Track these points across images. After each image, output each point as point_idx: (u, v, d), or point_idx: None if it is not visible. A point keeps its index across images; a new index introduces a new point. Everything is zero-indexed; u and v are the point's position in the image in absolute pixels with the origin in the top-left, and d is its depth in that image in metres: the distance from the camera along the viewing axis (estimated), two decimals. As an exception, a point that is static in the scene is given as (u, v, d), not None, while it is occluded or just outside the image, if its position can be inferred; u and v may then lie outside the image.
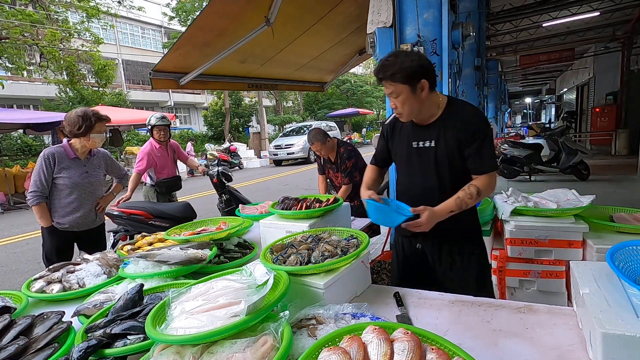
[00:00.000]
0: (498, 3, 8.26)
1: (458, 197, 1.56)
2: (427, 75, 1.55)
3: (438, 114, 1.65)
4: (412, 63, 1.52)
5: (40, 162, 2.55)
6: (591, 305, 0.99)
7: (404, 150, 1.76)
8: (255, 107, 26.46)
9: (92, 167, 2.76)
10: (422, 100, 1.58)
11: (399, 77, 1.52)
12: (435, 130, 1.66)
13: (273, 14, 3.40)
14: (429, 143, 1.67)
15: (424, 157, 1.69)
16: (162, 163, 4.17)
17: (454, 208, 1.55)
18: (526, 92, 31.92)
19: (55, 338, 1.16)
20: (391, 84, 1.55)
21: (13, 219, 8.63)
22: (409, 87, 1.53)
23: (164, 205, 3.80)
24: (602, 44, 12.35)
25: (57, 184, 2.61)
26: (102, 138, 2.68)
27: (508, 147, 8.27)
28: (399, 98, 1.56)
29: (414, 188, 1.76)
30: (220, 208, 4.88)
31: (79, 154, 2.67)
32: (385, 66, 1.53)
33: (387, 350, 0.87)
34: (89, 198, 2.75)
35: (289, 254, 1.51)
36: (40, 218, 2.61)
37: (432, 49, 3.06)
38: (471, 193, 1.56)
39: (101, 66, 16.42)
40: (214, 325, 0.96)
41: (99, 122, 2.62)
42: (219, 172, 4.75)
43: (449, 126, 1.63)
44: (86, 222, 2.76)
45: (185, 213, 3.73)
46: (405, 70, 1.51)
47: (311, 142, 3.56)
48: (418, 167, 1.72)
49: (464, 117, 1.62)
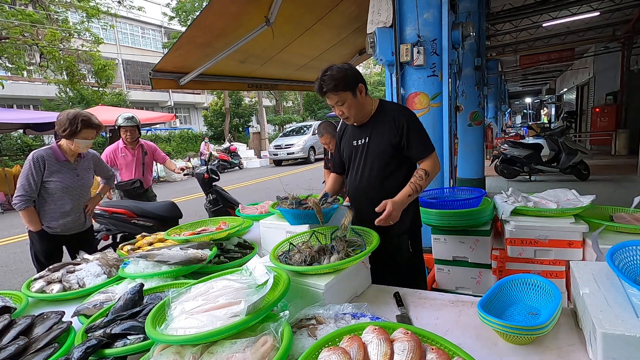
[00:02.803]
0: (498, 3, 8.25)
1: (411, 182, 1.74)
2: (361, 80, 1.79)
3: (371, 114, 1.89)
4: (348, 72, 1.75)
5: (28, 165, 2.43)
6: (591, 305, 0.99)
7: (349, 149, 1.99)
8: (255, 107, 26.46)
9: (82, 169, 2.67)
10: (362, 102, 1.82)
11: (342, 86, 1.73)
12: (368, 128, 1.90)
13: (273, 14, 3.39)
14: (364, 140, 1.91)
15: (361, 153, 1.92)
16: (124, 165, 3.95)
17: (411, 192, 1.72)
18: (526, 92, 31.91)
19: (55, 338, 1.16)
20: (335, 94, 1.75)
21: (13, 219, 8.63)
22: (350, 93, 1.76)
23: (147, 204, 3.71)
24: (602, 44, 12.34)
25: (48, 187, 2.50)
26: (86, 145, 2.54)
27: (508, 147, 8.27)
28: (344, 105, 1.78)
29: (359, 182, 1.94)
30: (207, 208, 4.80)
31: (68, 156, 2.57)
32: (326, 81, 1.73)
33: (387, 350, 0.87)
34: (79, 201, 2.67)
35: (293, 254, 1.53)
36: (29, 222, 2.50)
37: (432, 49, 3.06)
38: (421, 175, 1.76)
39: (101, 66, 16.39)
40: (214, 326, 0.96)
41: (86, 129, 2.47)
42: (209, 169, 4.69)
43: (379, 123, 1.87)
44: (76, 225, 2.69)
45: (170, 212, 3.66)
46: (345, 78, 1.73)
47: (320, 133, 3.58)
48: (359, 163, 1.93)
49: (392, 113, 1.85)
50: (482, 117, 6.55)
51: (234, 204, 4.62)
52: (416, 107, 3.13)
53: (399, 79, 3.15)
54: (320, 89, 1.76)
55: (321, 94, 1.79)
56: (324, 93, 1.77)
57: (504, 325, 1.05)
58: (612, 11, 9.45)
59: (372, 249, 1.49)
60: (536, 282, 1.27)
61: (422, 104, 3.12)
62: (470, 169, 6.61)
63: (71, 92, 16.86)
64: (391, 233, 1.84)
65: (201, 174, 4.69)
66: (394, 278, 1.78)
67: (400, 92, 3.17)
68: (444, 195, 2.60)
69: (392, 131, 1.82)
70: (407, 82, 3.16)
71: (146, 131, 18.59)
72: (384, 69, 3.42)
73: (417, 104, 3.13)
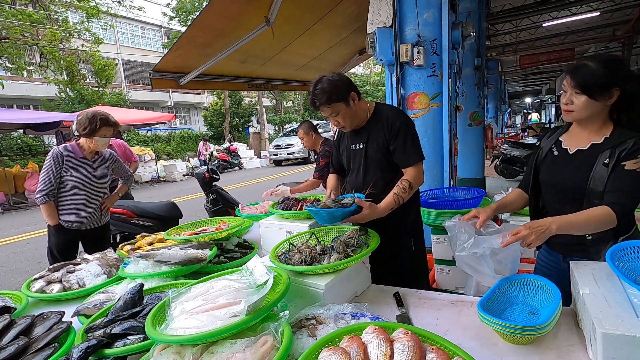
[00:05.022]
0: (498, 3, 8.25)
1: (394, 194, 1.74)
2: (353, 88, 1.80)
3: (367, 118, 1.90)
4: (338, 83, 1.75)
5: (49, 161, 2.59)
6: (591, 305, 0.99)
7: (347, 153, 2.01)
8: (255, 107, 26.45)
9: (98, 166, 2.80)
10: (355, 109, 1.82)
11: (334, 98, 1.74)
12: (365, 133, 1.90)
13: (273, 14, 3.40)
14: (360, 145, 1.92)
15: (358, 158, 1.94)
16: None
17: (393, 204, 1.73)
18: (526, 92, 31.91)
19: (55, 338, 1.16)
20: (328, 107, 1.76)
21: (13, 219, 8.63)
22: (343, 103, 1.77)
23: (147, 204, 3.72)
24: (602, 44, 12.34)
25: (65, 182, 2.65)
26: (105, 142, 2.72)
27: (508, 147, 8.27)
28: (339, 115, 1.79)
29: (357, 184, 1.94)
30: (207, 208, 4.81)
31: (86, 154, 2.71)
32: (317, 95, 1.74)
33: (387, 350, 0.87)
34: (95, 197, 2.79)
35: (293, 254, 1.53)
36: (48, 216, 2.65)
37: (432, 49, 3.06)
38: (404, 187, 1.75)
39: (101, 66, 16.37)
40: (214, 326, 0.96)
41: (104, 127, 2.65)
42: (209, 169, 4.70)
43: (375, 128, 1.86)
44: (92, 220, 2.80)
45: (169, 212, 3.67)
46: (336, 90, 1.74)
47: (297, 129, 3.67)
48: (359, 166, 1.95)
49: (387, 117, 1.84)
50: (482, 117, 6.56)
51: (234, 204, 4.62)
52: (416, 107, 3.13)
53: (399, 79, 3.15)
54: (313, 104, 1.78)
55: (315, 108, 1.81)
56: (317, 107, 1.78)
57: (504, 325, 1.05)
58: (612, 11, 9.45)
59: (372, 249, 1.49)
60: (536, 282, 1.27)
61: (422, 104, 3.12)
62: (470, 169, 6.61)
63: (71, 92, 16.84)
64: (394, 233, 1.84)
65: (201, 174, 4.70)
66: (396, 277, 1.78)
67: (400, 92, 3.18)
68: (444, 195, 2.60)
69: (385, 134, 1.82)
70: (407, 82, 3.17)
71: (146, 131, 18.63)
72: (384, 69, 3.42)
73: (417, 104, 3.13)
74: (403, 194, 1.73)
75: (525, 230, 1.22)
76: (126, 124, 12.48)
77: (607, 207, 1.23)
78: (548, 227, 1.22)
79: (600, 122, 1.34)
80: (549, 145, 1.49)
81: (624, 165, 1.24)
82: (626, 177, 1.23)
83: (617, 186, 1.25)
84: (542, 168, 1.49)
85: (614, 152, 1.27)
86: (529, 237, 1.21)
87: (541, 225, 1.23)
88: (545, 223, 1.24)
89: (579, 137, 1.39)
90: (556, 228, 1.23)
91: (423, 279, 2.07)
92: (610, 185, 1.26)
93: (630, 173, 1.23)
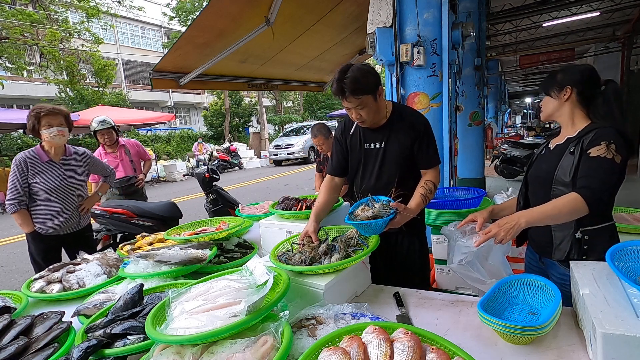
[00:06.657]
0: (498, 3, 8.24)
1: (421, 195, 1.71)
2: (380, 82, 1.70)
3: (387, 117, 1.80)
4: (370, 74, 1.62)
5: (13, 169, 2.43)
6: (591, 305, 0.99)
7: (358, 153, 1.87)
8: (255, 107, 26.44)
9: (68, 168, 2.60)
10: (380, 105, 1.73)
11: (364, 90, 1.61)
12: (385, 132, 1.80)
13: (273, 14, 3.40)
14: (379, 144, 1.82)
15: (376, 157, 1.83)
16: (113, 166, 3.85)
17: (422, 204, 1.72)
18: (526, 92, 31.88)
19: (55, 338, 1.16)
20: (357, 98, 1.61)
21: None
22: (372, 96, 1.65)
23: (147, 204, 3.70)
24: (602, 44, 12.33)
25: (34, 189, 2.48)
26: (54, 134, 2.44)
27: (508, 147, 8.27)
28: (364, 109, 1.66)
29: (375, 184, 1.85)
30: (207, 208, 4.79)
31: (52, 156, 2.52)
32: (347, 84, 1.58)
33: (387, 350, 0.87)
34: (70, 201, 2.62)
35: (293, 254, 1.53)
36: (22, 225, 2.54)
37: (432, 49, 3.06)
38: (430, 188, 1.74)
39: (101, 66, 16.37)
40: (214, 326, 0.96)
41: (45, 117, 2.41)
42: (209, 169, 4.69)
43: (398, 128, 1.78)
44: (70, 225, 2.65)
45: (170, 212, 3.65)
46: (367, 82, 1.61)
47: (314, 135, 3.50)
48: (373, 166, 1.85)
49: (411, 120, 1.79)
50: (482, 117, 6.55)
51: (234, 204, 4.63)
52: (416, 107, 3.12)
53: (399, 79, 3.15)
54: (341, 92, 1.61)
55: (341, 97, 1.65)
56: (344, 97, 1.63)
57: (504, 325, 1.05)
58: (612, 11, 9.44)
59: (372, 249, 1.49)
60: (536, 282, 1.27)
61: (422, 104, 3.12)
62: (470, 169, 6.60)
63: (71, 92, 16.87)
64: (403, 233, 1.83)
65: (201, 174, 4.70)
66: (398, 277, 1.77)
67: (400, 92, 3.17)
68: (444, 195, 2.60)
69: (409, 135, 1.76)
70: (407, 82, 3.16)
71: (146, 131, 18.63)
72: (384, 69, 3.42)
73: (417, 104, 3.13)
74: (429, 195, 1.73)
75: (495, 228, 1.29)
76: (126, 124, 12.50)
77: (575, 193, 1.27)
78: (517, 222, 1.28)
79: (567, 117, 1.43)
80: (542, 147, 1.59)
81: (589, 153, 1.30)
82: (593, 163, 1.29)
83: (584, 172, 1.31)
84: (530, 167, 1.60)
85: (580, 141, 1.35)
86: (499, 234, 1.28)
87: (509, 221, 1.29)
88: (513, 219, 1.30)
89: (561, 135, 1.48)
90: (525, 222, 1.28)
91: (425, 279, 2.07)
92: (579, 172, 1.32)
93: (596, 159, 1.28)
